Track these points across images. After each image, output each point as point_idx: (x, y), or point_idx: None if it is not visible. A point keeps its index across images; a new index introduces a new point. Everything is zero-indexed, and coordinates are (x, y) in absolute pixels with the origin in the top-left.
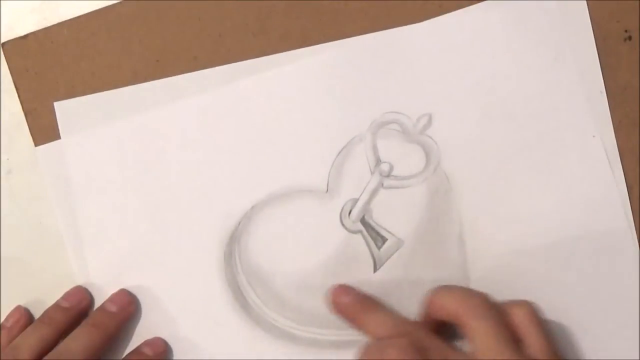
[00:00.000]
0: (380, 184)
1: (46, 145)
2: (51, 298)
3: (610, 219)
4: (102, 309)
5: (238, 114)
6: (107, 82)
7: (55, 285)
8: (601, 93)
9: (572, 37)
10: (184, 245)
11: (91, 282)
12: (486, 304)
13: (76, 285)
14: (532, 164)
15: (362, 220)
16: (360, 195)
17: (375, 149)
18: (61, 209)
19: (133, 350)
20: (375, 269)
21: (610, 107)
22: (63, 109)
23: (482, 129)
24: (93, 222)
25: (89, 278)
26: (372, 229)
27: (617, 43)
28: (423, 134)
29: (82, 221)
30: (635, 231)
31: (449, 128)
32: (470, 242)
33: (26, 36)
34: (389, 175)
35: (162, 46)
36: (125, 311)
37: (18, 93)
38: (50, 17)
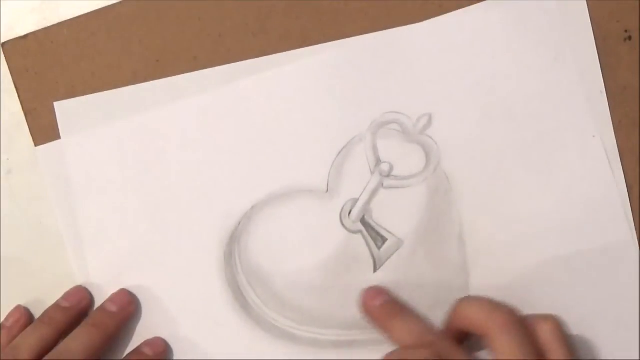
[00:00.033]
0: (380, 184)
1: (46, 145)
2: (51, 298)
3: (610, 219)
4: (102, 308)
5: (238, 114)
6: (107, 82)
7: (55, 285)
8: (601, 93)
9: (572, 37)
10: (184, 245)
11: (91, 282)
12: (512, 317)
13: (76, 285)
14: (532, 164)
15: (362, 220)
16: (360, 195)
17: (375, 149)
18: (61, 209)
19: (133, 350)
20: (375, 269)
21: (610, 107)
22: (63, 109)
23: (482, 129)
24: (93, 222)
25: (89, 278)
26: (372, 229)
27: (617, 43)
28: (423, 134)
29: (82, 221)
30: (635, 231)
31: (449, 128)
32: (470, 242)
33: (26, 36)
34: (389, 175)
35: (162, 46)
36: (125, 311)
37: (18, 93)
38: (50, 17)
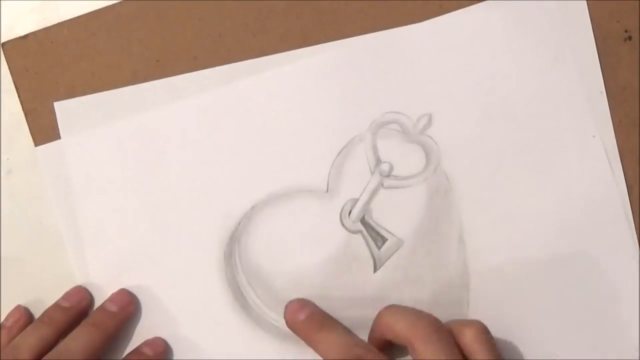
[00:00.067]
0: (380, 184)
1: (46, 145)
2: (51, 298)
3: (610, 219)
4: (102, 308)
5: (238, 114)
6: (107, 82)
7: (55, 285)
8: (601, 93)
9: (572, 37)
10: (184, 245)
11: (91, 282)
12: (434, 326)
13: (76, 285)
14: (532, 164)
15: (362, 220)
16: (360, 195)
17: (375, 149)
18: (61, 209)
19: (133, 350)
20: (375, 269)
21: (610, 107)
22: (63, 109)
23: (482, 129)
24: (93, 222)
25: (89, 278)
26: (372, 229)
27: (617, 43)
28: (423, 134)
29: (82, 221)
30: (635, 231)
31: (449, 128)
32: (470, 242)
33: (26, 36)
34: (389, 175)
35: (162, 46)
36: (125, 311)
37: (18, 93)
38: (50, 17)
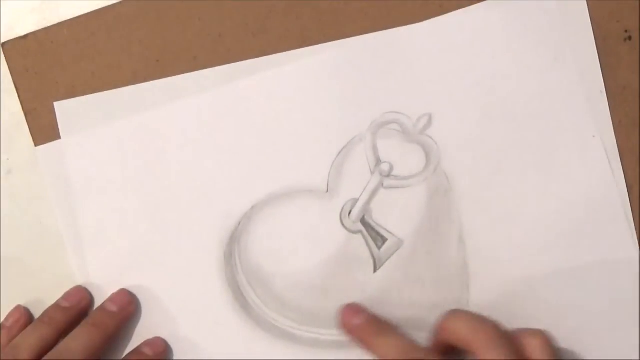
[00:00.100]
0: (380, 184)
1: (46, 145)
2: (51, 298)
3: (610, 219)
4: (102, 308)
5: (238, 114)
6: (107, 82)
7: (55, 285)
8: (601, 93)
9: (572, 37)
10: (184, 245)
11: (91, 282)
12: (498, 333)
13: (76, 285)
14: (532, 164)
15: (362, 220)
16: (360, 195)
17: (375, 149)
18: (61, 209)
19: (133, 350)
20: (375, 269)
21: (610, 107)
22: (63, 109)
23: (482, 129)
24: (93, 222)
25: (89, 278)
26: (372, 229)
27: (617, 43)
28: (423, 134)
29: (82, 221)
30: (635, 231)
31: (449, 128)
32: (470, 242)
33: (26, 36)
34: (389, 175)
35: (162, 46)
36: (125, 311)
37: (18, 93)
38: (50, 17)
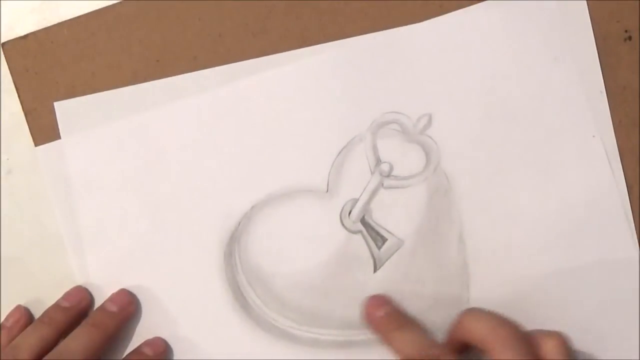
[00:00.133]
0: (380, 184)
1: (46, 145)
2: (51, 298)
3: (610, 219)
4: (102, 308)
5: (238, 114)
6: (107, 82)
7: (55, 285)
8: (601, 93)
9: (572, 37)
10: (184, 245)
11: (91, 282)
12: (516, 333)
13: (76, 285)
14: (532, 164)
15: (362, 220)
16: (360, 195)
17: (375, 149)
18: (61, 209)
19: (133, 350)
20: (375, 269)
21: (610, 107)
22: (63, 109)
23: (482, 129)
24: (93, 222)
25: (89, 278)
26: (372, 229)
27: (617, 43)
28: (423, 133)
29: (82, 221)
30: (635, 231)
31: (449, 128)
32: (470, 242)
33: (26, 36)
34: (389, 175)
35: (162, 46)
36: (125, 311)
37: (18, 93)
38: (50, 17)
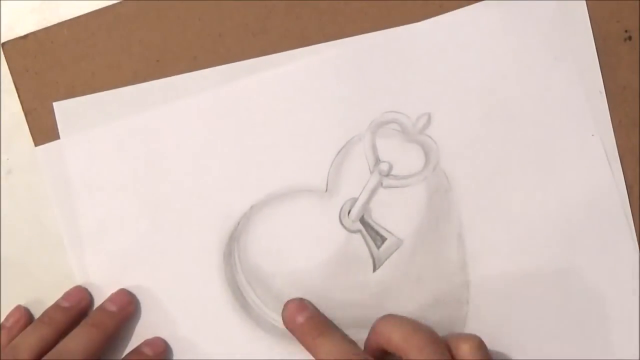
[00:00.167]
0: (380, 184)
1: (46, 145)
2: (51, 298)
3: (610, 219)
4: (102, 308)
5: (238, 114)
6: (107, 82)
7: (55, 285)
8: (601, 93)
9: (572, 37)
10: (183, 245)
11: (91, 282)
12: (430, 338)
13: (76, 285)
14: (531, 164)
15: (362, 220)
16: (360, 195)
17: (374, 148)
18: (61, 209)
19: (133, 350)
20: (374, 269)
21: (609, 107)
22: (62, 109)
23: (481, 129)
24: (93, 222)
25: (89, 278)
26: (372, 228)
27: (617, 43)
28: (422, 133)
29: (82, 221)
30: (635, 231)
31: (448, 127)
32: (470, 241)
33: (26, 36)
34: (388, 174)
35: (162, 46)
36: (125, 311)
37: (18, 93)
38: (50, 17)
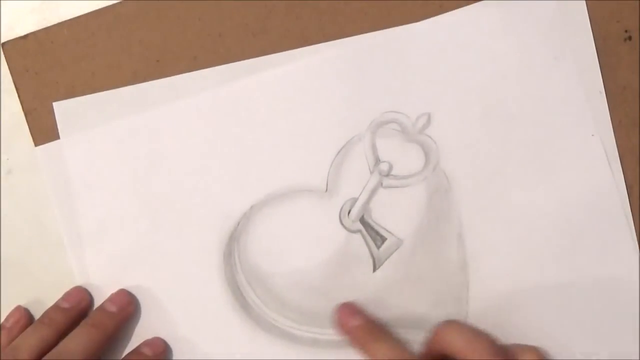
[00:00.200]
0: (380, 184)
1: (46, 145)
2: (51, 298)
3: (610, 219)
4: (102, 309)
5: (238, 114)
6: (107, 82)
7: (55, 285)
8: (601, 93)
9: (572, 37)
10: (183, 245)
11: (91, 282)
12: (493, 347)
13: (76, 285)
14: (531, 164)
15: (362, 220)
16: (360, 195)
17: (374, 148)
18: (61, 209)
19: (133, 350)
20: (374, 269)
21: (609, 107)
22: (62, 109)
23: (481, 129)
24: (93, 222)
25: (89, 278)
26: (372, 228)
27: (617, 43)
28: (422, 133)
29: (82, 221)
30: (635, 231)
31: (448, 127)
32: (470, 241)
33: (26, 36)
34: (388, 174)
35: (162, 46)
36: (125, 311)
37: (18, 93)
38: (50, 17)
